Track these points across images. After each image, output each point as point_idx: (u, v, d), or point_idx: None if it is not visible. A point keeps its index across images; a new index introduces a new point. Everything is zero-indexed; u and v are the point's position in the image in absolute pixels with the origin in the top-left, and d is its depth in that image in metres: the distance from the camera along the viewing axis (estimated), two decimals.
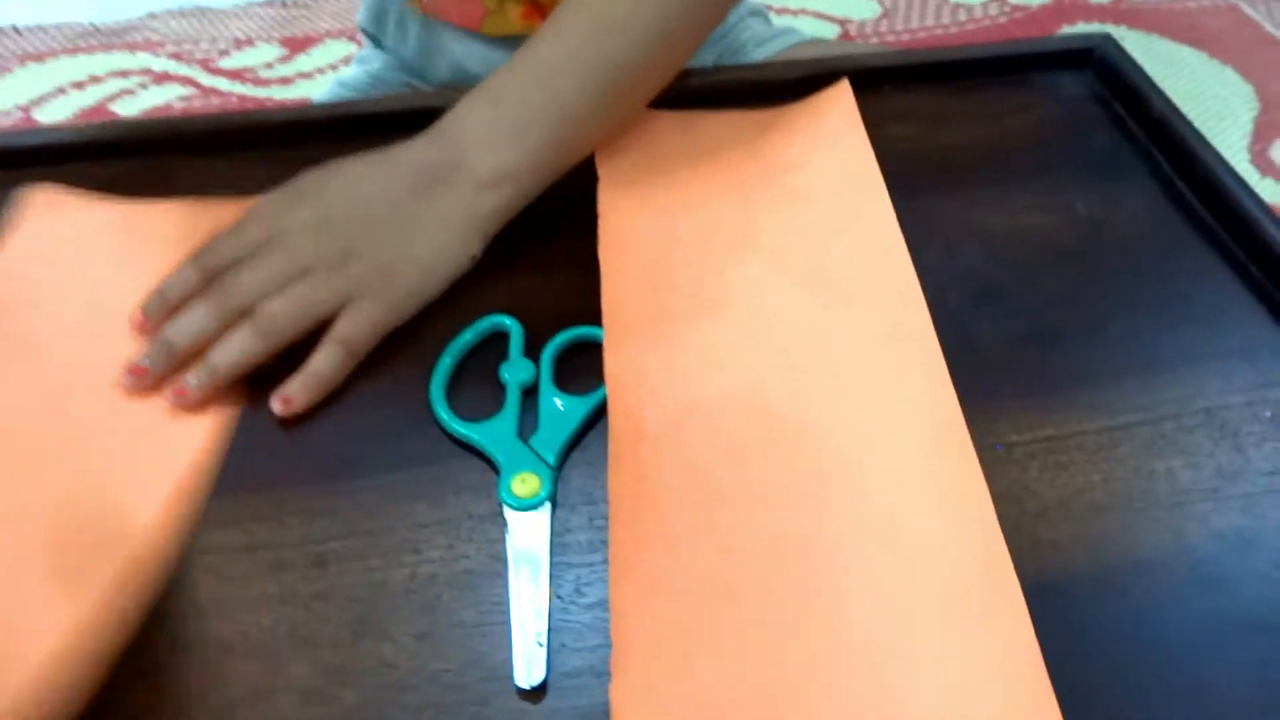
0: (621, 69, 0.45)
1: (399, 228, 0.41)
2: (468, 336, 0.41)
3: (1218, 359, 0.41)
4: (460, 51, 0.66)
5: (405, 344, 0.41)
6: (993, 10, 1.33)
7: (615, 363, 0.39)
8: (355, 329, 0.40)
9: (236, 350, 0.39)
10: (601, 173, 0.47)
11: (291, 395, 0.38)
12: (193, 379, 0.38)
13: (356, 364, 0.40)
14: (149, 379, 0.39)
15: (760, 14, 0.73)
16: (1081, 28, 1.27)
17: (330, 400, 0.39)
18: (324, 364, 0.39)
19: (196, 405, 0.38)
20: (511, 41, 0.64)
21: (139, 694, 0.31)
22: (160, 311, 0.40)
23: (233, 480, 0.37)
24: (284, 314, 0.39)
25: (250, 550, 0.35)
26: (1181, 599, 0.33)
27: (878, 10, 1.36)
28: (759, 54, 0.68)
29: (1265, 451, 0.37)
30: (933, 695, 0.30)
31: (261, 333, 0.39)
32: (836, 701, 0.30)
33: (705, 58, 0.70)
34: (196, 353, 0.39)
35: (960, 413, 0.37)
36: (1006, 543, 0.34)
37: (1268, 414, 0.38)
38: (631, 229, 0.44)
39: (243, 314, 0.39)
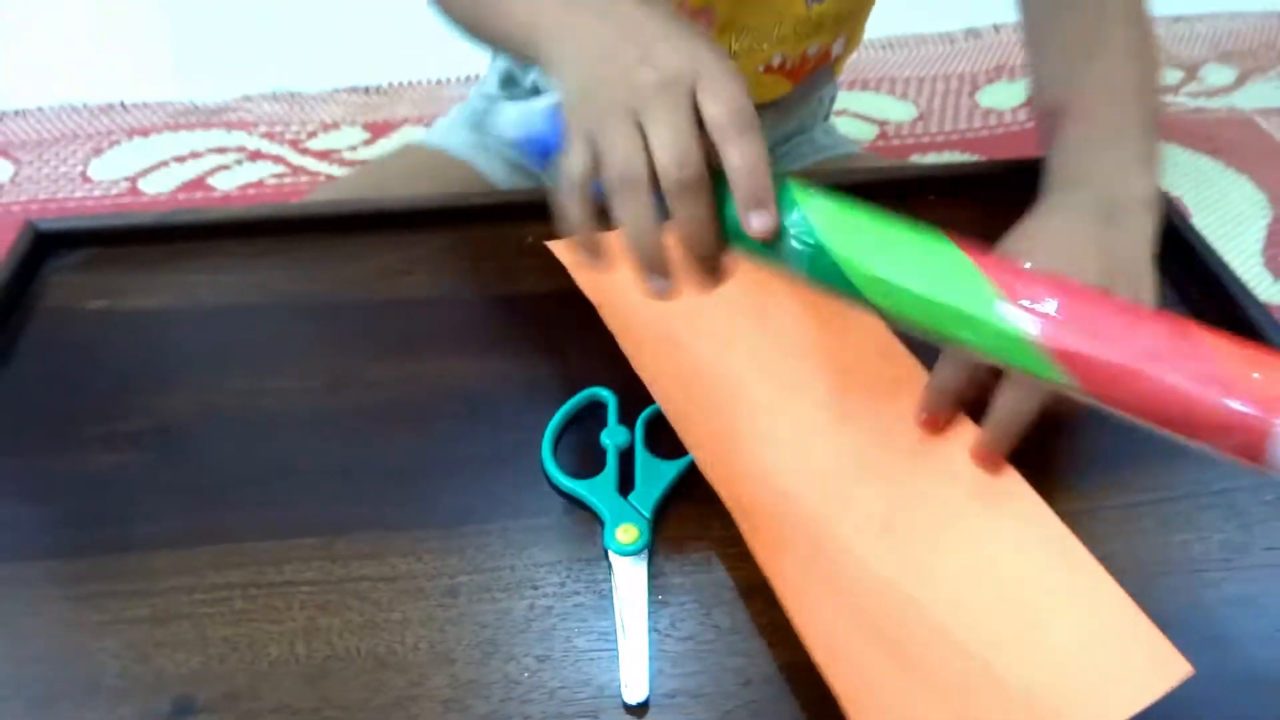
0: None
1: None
2: (571, 405, 0.47)
3: None
4: None
5: (517, 412, 0.48)
6: (1021, 116, 1.42)
7: (688, 437, 0.45)
8: None
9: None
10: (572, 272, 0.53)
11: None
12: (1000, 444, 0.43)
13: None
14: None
15: (830, 131, 0.81)
16: None
17: (456, 459, 0.46)
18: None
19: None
20: None
21: (306, 697, 0.37)
22: (945, 405, 0.45)
23: (376, 521, 0.43)
24: None
25: (392, 580, 0.41)
26: (1193, 656, 0.38)
27: (914, 113, 1.45)
28: (813, 160, 0.75)
29: (1268, 529, 0.43)
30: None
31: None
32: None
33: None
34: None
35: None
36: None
37: (1269, 497, 0.44)
38: (627, 306, 0.51)
39: None
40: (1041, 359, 0.32)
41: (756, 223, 0.36)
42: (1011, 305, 0.32)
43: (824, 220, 0.36)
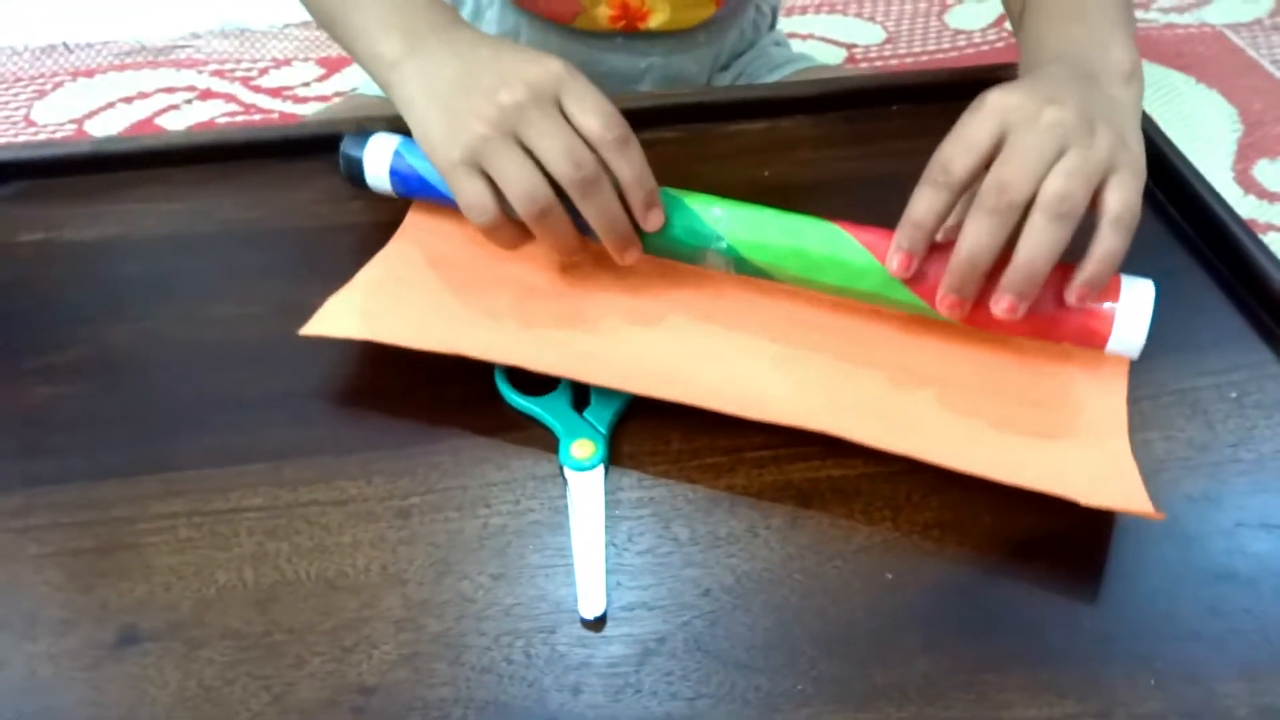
0: None
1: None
2: None
3: (1191, 348, 0.46)
4: (539, 41, 0.70)
5: None
6: (991, 35, 1.39)
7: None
8: (1130, 198, 0.39)
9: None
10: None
11: (1090, 284, 0.39)
12: (966, 288, 0.40)
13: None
14: (913, 264, 0.41)
15: (781, 42, 0.79)
16: None
17: (405, 380, 0.44)
18: (1117, 243, 0.39)
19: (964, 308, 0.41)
20: (592, 38, 0.69)
21: (255, 622, 0.36)
22: (922, 244, 0.41)
23: (325, 445, 0.42)
24: (1077, 192, 0.38)
25: (342, 503, 0.40)
26: (1158, 550, 0.38)
27: (882, 36, 1.42)
28: (772, 78, 0.73)
29: (1230, 426, 0.42)
30: None
31: (1061, 215, 0.38)
32: None
33: (724, 79, 0.76)
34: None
35: None
36: (999, 499, 0.39)
37: (1233, 395, 0.44)
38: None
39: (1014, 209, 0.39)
40: (912, 300, 0.43)
41: (651, 222, 0.44)
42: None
43: (728, 223, 0.44)
